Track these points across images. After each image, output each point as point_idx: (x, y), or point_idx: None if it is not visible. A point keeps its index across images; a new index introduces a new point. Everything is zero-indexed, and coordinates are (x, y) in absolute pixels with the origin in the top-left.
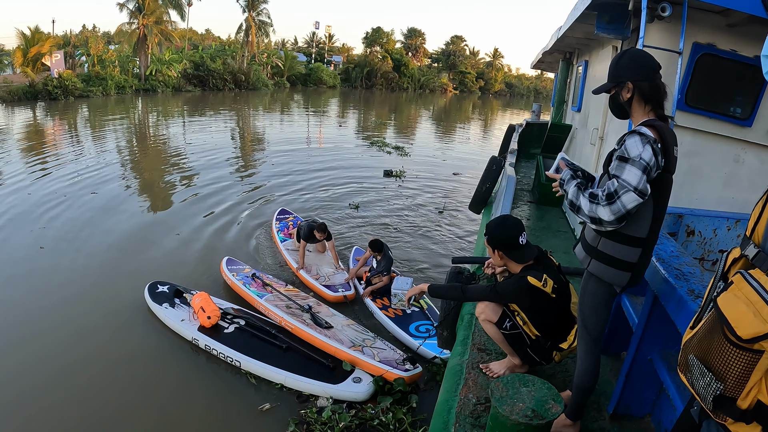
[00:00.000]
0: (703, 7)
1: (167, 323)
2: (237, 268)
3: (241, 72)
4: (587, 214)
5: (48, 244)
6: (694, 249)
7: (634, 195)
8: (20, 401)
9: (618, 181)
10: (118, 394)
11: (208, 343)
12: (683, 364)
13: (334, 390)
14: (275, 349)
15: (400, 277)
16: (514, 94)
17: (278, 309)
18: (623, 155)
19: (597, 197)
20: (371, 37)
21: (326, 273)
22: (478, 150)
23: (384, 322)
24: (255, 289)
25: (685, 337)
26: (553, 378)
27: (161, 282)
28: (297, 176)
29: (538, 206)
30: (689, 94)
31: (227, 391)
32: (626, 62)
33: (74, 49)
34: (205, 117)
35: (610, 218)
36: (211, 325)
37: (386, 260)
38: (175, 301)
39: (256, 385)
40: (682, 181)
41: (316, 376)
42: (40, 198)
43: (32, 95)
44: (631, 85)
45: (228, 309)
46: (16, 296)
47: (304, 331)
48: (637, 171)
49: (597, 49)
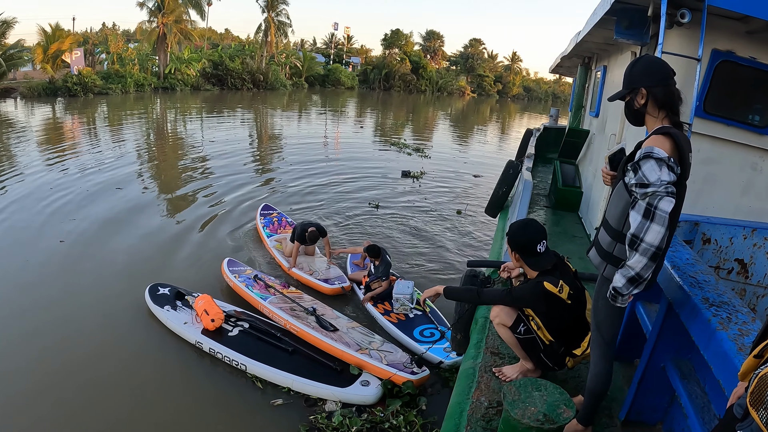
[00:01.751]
0: (722, 13)
1: (170, 326)
2: (238, 269)
3: (259, 72)
4: (649, 246)
5: (49, 242)
6: (709, 257)
7: (669, 199)
8: (20, 406)
9: (648, 198)
10: (120, 399)
11: (212, 347)
12: (757, 399)
13: (342, 393)
14: (281, 352)
15: (400, 281)
16: (532, 98)
17: (282, 311)
18: (642, 182)
19: (636, 238)
20: (390, 38)
21: (319, 268)
22: (497, 153)
23: (387, 327)
24: (258, 291)
25: (761, 371)
26: (565, 383)
27: (162, 284)
28: (314, 178)
29: (555, 211)
30: (707, 101)
31: (234, 395)
32: (640, 68)
33: (94, 46)
34: (223, 115)
35: (662, 231)
36: (214, 328)
37: (384, 265)
38: (177, 303)
39: (263, 388)
40: (699, 188)
41: (324, 379)
42: (44, 192)
43: (52, 91)
44: (644, 91)
45: (231, 312)
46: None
47: (310, 334)
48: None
49: (616, 54)
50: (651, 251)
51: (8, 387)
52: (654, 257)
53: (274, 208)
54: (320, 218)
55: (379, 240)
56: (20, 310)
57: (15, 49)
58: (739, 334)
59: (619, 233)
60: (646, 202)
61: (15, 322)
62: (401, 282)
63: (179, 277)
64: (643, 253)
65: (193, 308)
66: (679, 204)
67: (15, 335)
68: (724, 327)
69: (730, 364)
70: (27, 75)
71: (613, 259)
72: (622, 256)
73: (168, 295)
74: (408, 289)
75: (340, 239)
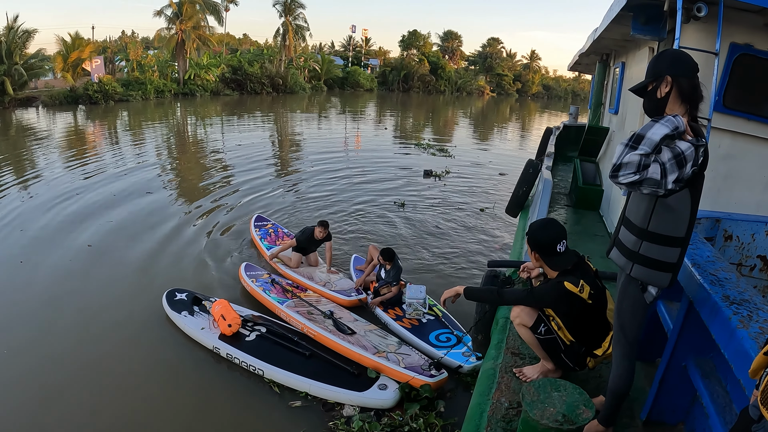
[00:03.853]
0: (739, 6)
1: (187, 332)
2: (256, 273)
3: (278, 76)
4: (624, 158)
5: (61, 249)
6: (731, 254)
7: (658, 168)
8: (39, 411)
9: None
10: (139, 403)
11: (229, 352)
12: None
13: (360, 398)
14: (298, 356)
15: (412, 285)
16: (551, 96)
17: (300, 315)
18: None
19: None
20: (407, 40)
21: (328, 279)
22: (520, 151)
23: (401, 333)
24: (275, 295)
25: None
26: (586, 383)
27: (179, 289)
28: (337, 181)
29: (576, 210)
30: (727, 96)
31: (251, 400)
32: (667, 58)
33: (114, 54)
34: (243, 120)
35: (630, 180)
36: (231, 333)
37: (395, 270)
38: (194, 308)
39: (280, 393)
40: (720, 185)
41: (342, 383)
42: (52, 199)
43: (73, 99)
44: (670, 79)
45: (248, 316)
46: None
47: (327, 337)
48: (670, 153)
49: (634, 50)
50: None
51: (22, 390)
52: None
53: (267, 219)
54: (343, 218)
55: (399, 240)
56: (38, 320)
57: (36, 58)
58: (760, 333)
59: (644, 231)
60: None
61: (31, 326)
62: (413, 286)
63: (197, 281)
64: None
65: (211, 313)
66: (699, 196)
67: (31, 341)
68: (744, 325)
69: (750, 363)
70: (48, 84)
71: (641, 258)
72: (649, 255)
73: (185, 300)
74: (421, 294)
75: (366, 238)
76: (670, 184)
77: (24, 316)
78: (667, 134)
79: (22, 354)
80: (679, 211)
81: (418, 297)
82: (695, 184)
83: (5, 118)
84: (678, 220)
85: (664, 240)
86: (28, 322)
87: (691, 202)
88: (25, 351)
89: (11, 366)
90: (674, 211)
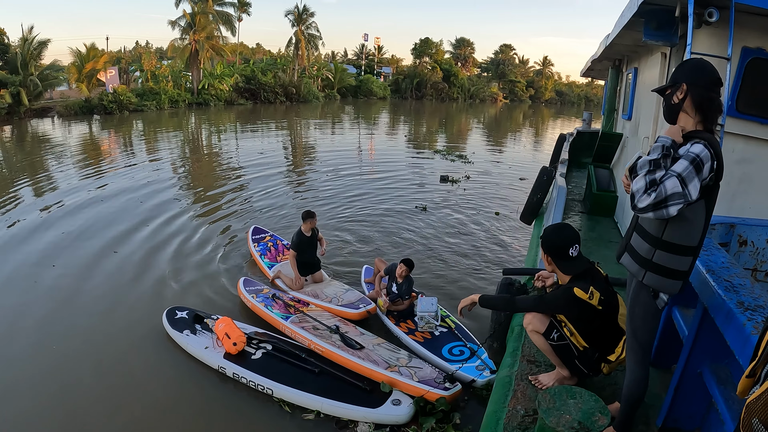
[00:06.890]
0: (750, 10)
1: (190, 351)
2: (255, 288)
3: (292, 85)
4: (633, 187)
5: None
6: (746, 260)
7: (676, 180)
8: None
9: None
10: (145, 426)
11: (236, 371)
12: (746, 426)
13: (374, 414)
14: (307, 374)
15: (423, 297)
16: (564, 102)
17: (305, 331)
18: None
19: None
20: (420, 48)
21: (334, 293)
22: (536, 157)
23: (414, 347)
24: (278, 311)
25: (748, 397)
26: (602, 390)
27: (179, 307)
28: (353, 188)
29: (590, 216)
30: (740, 100)
31: (261, 420)
32: (688, 66)
33: (128, 65)
34: (257, 129)
35: (647, 203)
36: (237, 352)
37: (408, 283)
38: (196, 327)
39: (291, 412)
40: (735, 189)
41: (354, 400)
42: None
43: (88, 110)
44: (684, 87)
45: (252, 333)
46: None
47: (335, 353)
48: (685, 162)
49: (646, 56)
50: (632, 193)
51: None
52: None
53: (266, 231)
54: (362, 224)
55: (417, 246)
56: (36, 336)
57: (51, 69)
58: None
59: (659, 239)
60: (660, 175)
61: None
62: (424, 299)
63: (195, 298)
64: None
65: (214, 331)
66: (714, 205)
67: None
68: (758, 332)
69: None
70: (63, 94)
71: (653, 266)
72: (662, 263)
73: (186, 318)
74: (432, 306)
75: (385, 245)
76: (695, 192)
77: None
78: (658, 157)
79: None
80: (694, 221)
81: (430, 310)
82: (710, 195)
83: (21, 128)
84: (692, 229)
85: (678, 249)
86: (24, 349)
87: (706, 212)
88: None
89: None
90: (689, 221)
